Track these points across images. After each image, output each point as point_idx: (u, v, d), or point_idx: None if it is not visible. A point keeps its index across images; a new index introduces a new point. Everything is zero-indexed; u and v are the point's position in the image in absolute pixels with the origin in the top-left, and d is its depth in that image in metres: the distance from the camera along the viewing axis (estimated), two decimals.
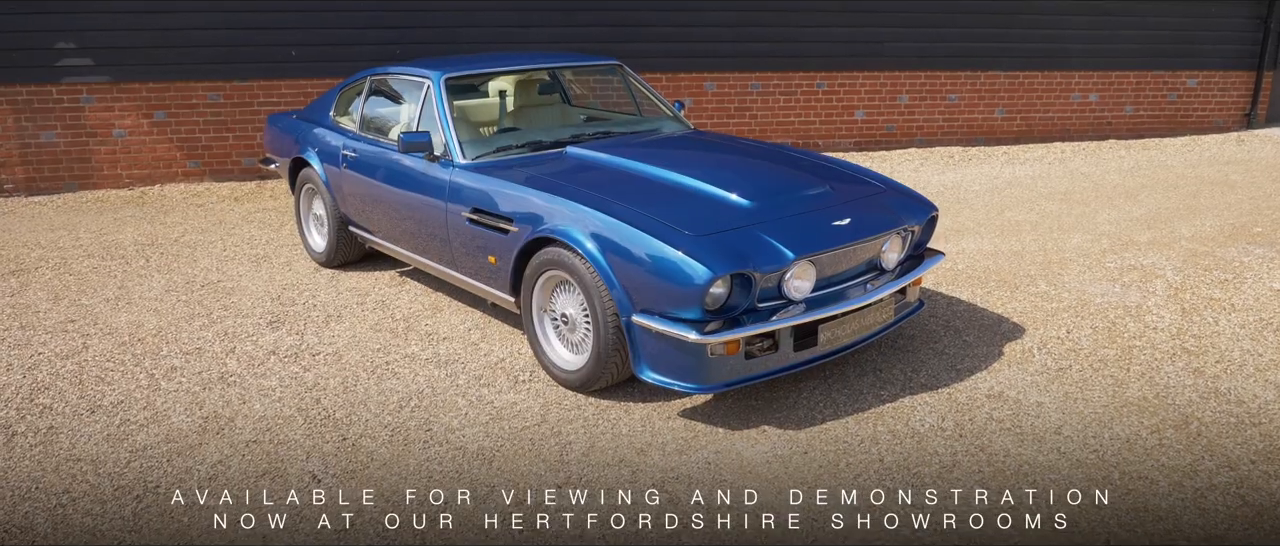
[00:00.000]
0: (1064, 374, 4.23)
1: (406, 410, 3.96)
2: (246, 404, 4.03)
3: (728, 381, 3.68)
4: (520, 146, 4.83)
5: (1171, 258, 5.87)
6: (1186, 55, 10.57)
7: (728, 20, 9.27)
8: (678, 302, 3.56)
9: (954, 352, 4.48)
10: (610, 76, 5.78)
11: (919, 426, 3.76)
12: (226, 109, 8.42)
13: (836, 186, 4.32)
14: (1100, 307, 5.04)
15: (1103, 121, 10.57)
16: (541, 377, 4.25)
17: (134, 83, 8.16)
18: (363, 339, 4.74)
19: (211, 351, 4.60)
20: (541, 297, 4.18)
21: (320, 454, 3.61)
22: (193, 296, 5.41)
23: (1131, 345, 4.55)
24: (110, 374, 4.35)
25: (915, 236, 4.34)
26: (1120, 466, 3.45)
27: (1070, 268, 5.72)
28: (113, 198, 8.08)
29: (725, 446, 3.62)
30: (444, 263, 4.80)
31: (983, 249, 6.20)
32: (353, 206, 5.48)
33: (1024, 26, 10.02)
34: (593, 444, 3.66)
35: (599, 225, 3.79)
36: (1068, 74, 10.30)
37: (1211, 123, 10.89)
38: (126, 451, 3.63)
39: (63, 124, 8.11)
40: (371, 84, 5.55)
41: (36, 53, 7.90)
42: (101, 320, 5.04)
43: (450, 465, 3.51)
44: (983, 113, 10.21)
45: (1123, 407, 3.91)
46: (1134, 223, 6.82)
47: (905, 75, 9.88)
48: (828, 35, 9.55)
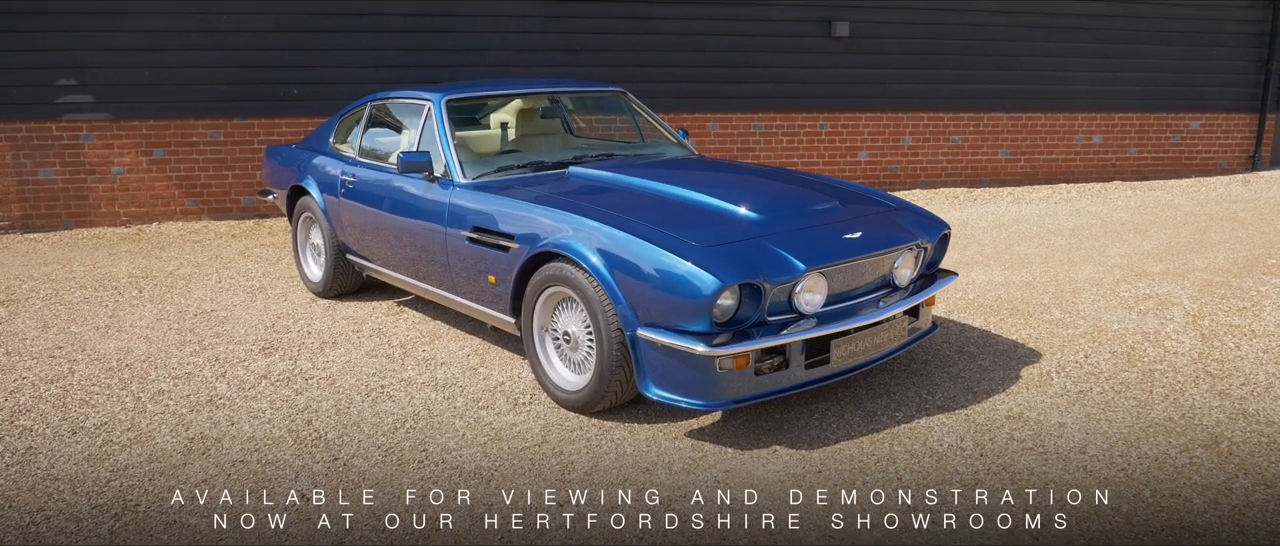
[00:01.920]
0: (1085, 396, 4.08)
1: (401, 431, 3.80)
2: (235, 425, 3.87)
3: (737, 398, 3.52)
4: (522, 167, 4.74)
5: (1186, 287, 5.74)
6: (1189, 97, 10.57)
7: (730, 61, 9.27)
8: (685, 315, 3.43)
9: (969, 376, 4.32)
10: (615, 114, 5.70)
11: (937, 446, 3.59)
12: (227, 147, 8.37)
13: (847, 203, 4.21)
14: (1118, 333, 4.89)
15: (1107, 163, 10.52)
16: (542, 400, 4.09)
17: (134, 120, 8.12)
18: (358, 364, 4.60)
19: (201, 376, 4.45)
20: (542, 316, 4.04)
21: (310, 473, 3.44)
22: (185, 325, 5.27)
23: (1152, 369, 4.39)
24: (95, 397, 4.19)
25: (928, 255, 4.22)
26: (1151, 484, 3.28)
27: (1083, 296, 5.59)
28: (109, 235, 7.99)
29: (735, 465, 3.45)
30: (443, 287, 4.67)
31: (993, 280, 6.08)
32: (351, 234, 5.37)
33: (1026, 68, 10.03)
34: (596, 463, 3.49)
35: (603, 237, 3.67)
36: (1071, 115, 10.28)
37: (1216, 165, 10.84)
38: (107, 471, 3.46)
39: (61, 161, 8.05)
40: (372, 110, 5.47)
41: (37, 89, 7.87)
42: (89, 347, 4.90)
43: (446, 484, 3.35)
44: (986, 154, 10.17)
45: (1148, 428, 3.75)
46: (1145, 255, 6.70)
47: (908, 116, 9.85)
48: (830, 76, 9.55)
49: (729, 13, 9.18)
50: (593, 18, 8.88)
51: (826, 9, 9.40)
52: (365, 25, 8.38)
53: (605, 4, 8.91)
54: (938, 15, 9.69)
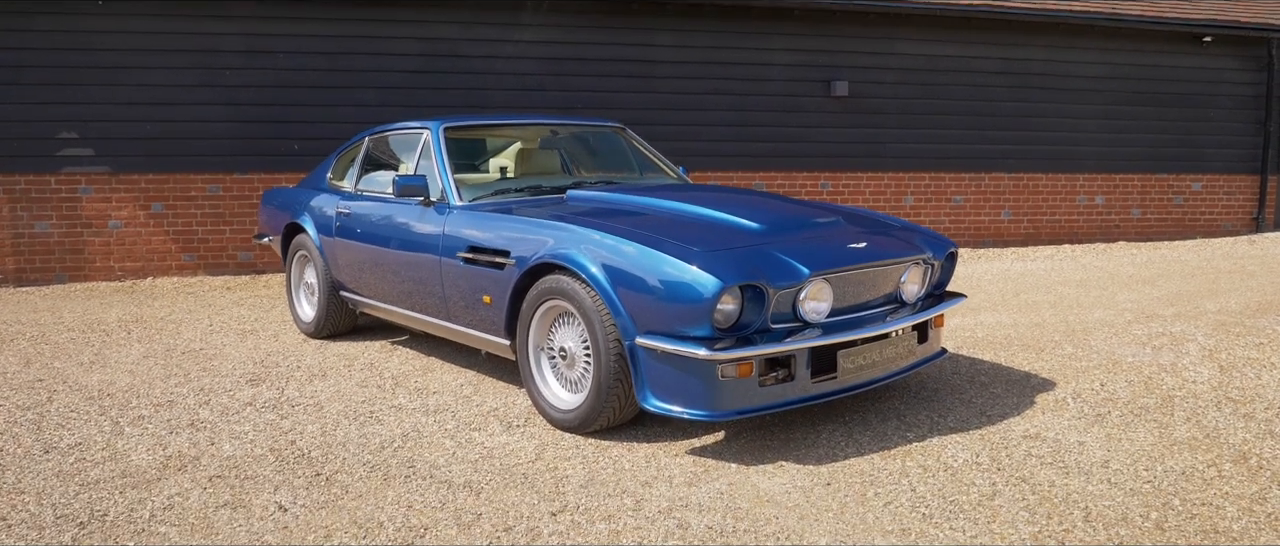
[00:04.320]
0: (1103, 419, 3.90)
1: (388, 450, 3.62)
2: (215, 445, 3.69)
3: (740, 409, 3.36)
4: (519, 191, 4.66)
5: (1200, 326, 5.60)
6: (1189, 159, 10.58)
7: (731, 120, 9.30)
8: (685, 319, 3.29)
9: (982, 402, 4.16)
10: (615, 150, 5.63)
11: (952, 461, 3.41)
12: (225, 201, 8.33)
13: (851, 220, 4.11)
14: (1133, 365, 4.73)
15: (1110, 224, 10.46)
16: (538, 423, 3.92)
17: (134, 173, 8.09)
18: (347, 393, 4.43)
19: (184, 403, 4.29)
20: (538, 334, 3.90)
21: (290, 486, 3.26)
22: (171, 361, 5.12)
23: (1172, 395, 4.22)
24: (72, 421, 4.03)
25: (935, 274, 4.10)
26: (1180, 494, 3.10)
27: (1095, 335, 5.44)
28: (102, 287, 7.88)
29: (739, 478, 3.27)
30: (438, 315, 4.53)
31: (1001, 322, 5.94)
32: (345, 269, 5.26)
33: (1026, 129, 10.07)
34: (592, 477, 3.31)
35: (600, 245, 3.56)
36: (1073, 176, 10.27)
37: (1220, 226, 10.78)
38: (77, 485, 3.28)
39: (58, 214, 8.00)
40: (370, 143, 5.43)
41: (38, 142, 7.87)
42: (71, 379, 4.74)
43: (433, 496, 3.16)
44: (989, 214, 10.12)
45: (1172, 445, 3.57)
46: (1155, 300, 6.58)
47: (909, 176, 9.84)
48: (830, 135, 9.57)
49: (729, 72, 9.26)
50: (593, 76, 8.94)
51: (826, 68, 9.48)
52: (368, 81, 8.43)
53: (605, 63, 8.98)
54: (936, 75, 9.77)
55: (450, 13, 8.57)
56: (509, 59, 8.76)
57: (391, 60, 8.50)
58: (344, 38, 8.39)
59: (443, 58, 8.61)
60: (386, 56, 8.49)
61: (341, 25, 8.36)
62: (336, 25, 8.35)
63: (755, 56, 9.33)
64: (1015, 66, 9.96)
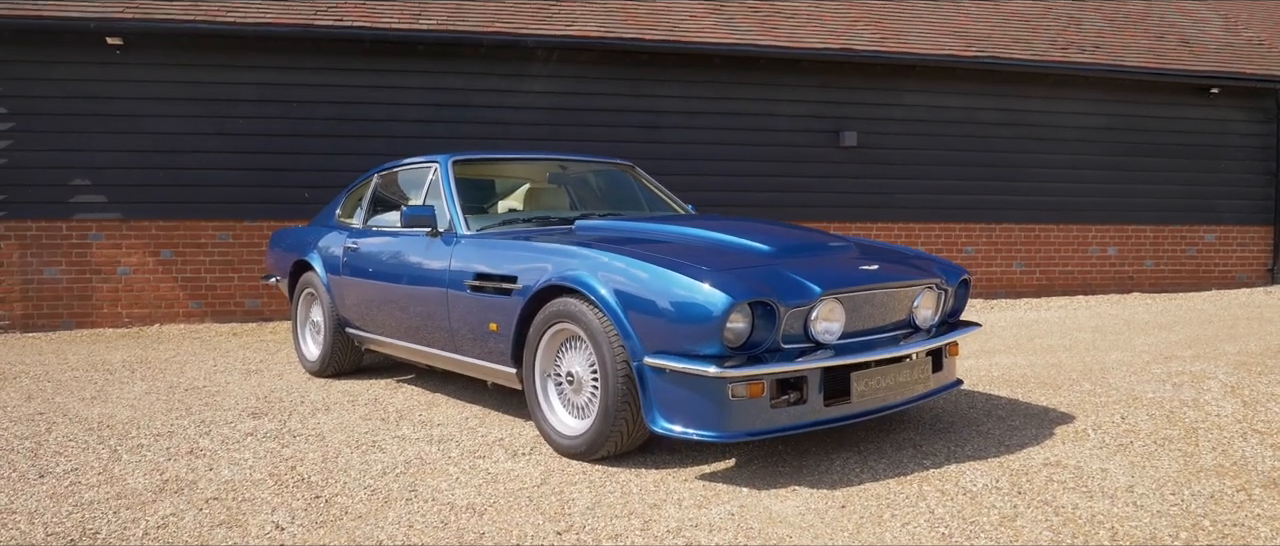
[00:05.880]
0: (1126, 449, 3.79)
1: (390, 476, 3.53)
2: (213, 470, 3.61)
3: (751, 430, 3.27)
4: (527, 221, 4.63)
5: (1221, 366, 5.48)
6: (1201, 209, 10.53)
7: (739, 169, 9.32)
8: (695, 338, 3.22)
9: (1000, 433, 4.05)
10: (624, 188, 5.61)
11: (971, 486, 3.30)
12: (234, 249, 8.33)
13: (863, 246, 4.06)
14: (1154, 400, 4.62)
15: (1124, 276, 10.38)
16: (545, 450, 3.83)
17: (145, 220, 8.12)
18: (350, 425, 4.35)
19: (184, 433, 4.21)
20: (545, 360, 3.83)
21: (288, 508, 3.17)
22: (174, 397, 5.06)
23: (1195, 427, 4.11)
24: (69, 448, 3.95)
25: (949, 301, 4.03)
26: (1210, 515, 2.98)
27: (1113, 373, 5.33)
28: (108, 333, 7.85)
29: (751, 501, 3.17)
30: (443, 346, 4.47)
31: (1017, 362, 5.84)
32: (352, 306, 5.21)
33: (1036, 179, 10.05)
34: (599, 499, 3.21)
35: (609, 266, 3.51)
36: (1084, 227, 10.22)
37: (1234, 278, 10.68)
38: (70, 505, 3.20)
39: (68, 260, 8.01)
40: (378, 180, 5.43)
41: (51, 189, 7.92)
42: (72, 412, 4.68)
43: (435, 517, 3.06)
44: (1001, 266, 10.05)
45: (1199, 472, 3.45)
46: (1173, 344, 6.46)
47: (919, 226, 9.80)
48: (838, 185, 9.57)
49: (737, 122, 9.30)
50: (602, 126, 8.99)
51: (834, 119, 9.52)
52: (379, 130, 8.49)
53: (614, 113, 9.05)
54: (944, 126, 9.80)
55: (460, 64, 8.67)
56: (518, 109, 8.84)
57: (402, 110, 8.57)
58: (356, 88, 8.48)
59: (453, 108, 8.69)
60: (398, 106, 8.57)
61: (353, 75, 8.46)
62: (348, 75, 8.45)
63: (763, 107, 9.39)
64: (1023, 117, 9.99)
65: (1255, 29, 12.52)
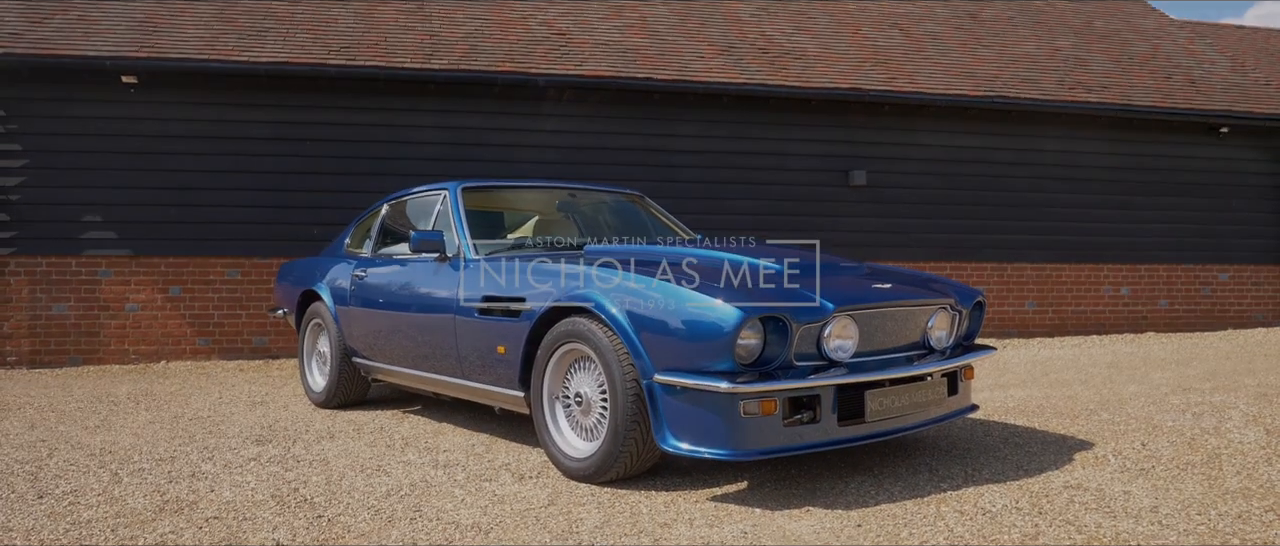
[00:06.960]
0: (1148, 473, 3.69)
1: (395, 497, 3.46)
2: (214, 491, 3.54)
3: (763, 449, 3.19)
4: (535, 246, 4.60)
5: (1241, 397, 5.38)
6: (1214, 249, 10.45)
7: (751, 208, 9.31)
8: (706, 354, 3.16)
9: (1018, 458, 3.96)
10: (633, 218, 5.58)
11: (990, 507, 3.21)
12: (243, 286, 8.32)
13: (874, 268, 4.01)
14: (1174, 428, 4.52)
15: (1138, 315, 10.27)
16: (552, 473, 3.75)
17: (154, 256, 8.13)
18: (355, 451, 4.29)
19: (186, 458, 4.15)
20: (553, 381, 3.77)
21: (290, 527, 3.09)
22: (178, 426, 5.00)
23: (1218, 453, 4.01)
24: (70, 472, 3.89)
25: (963, 323, 3.97)
26: (1239, 534, 2.88)
27: (1131, 404, 5.23)
28: (115, 370, 7.81)
29: (763, 520, 3.08)
30: (451, 372, 4.41)
31: (1032, 395, 5.74)
32: (359, 335, 5.17)
33: (1048, 219, 10.01)
34: (608, 520, 3.13)
35: (619, 284, 3.47)
36: (1097, 266, 10.14)
37: (1251, 317, 10.56)
38: (67, 524, 3.14)
39: (77, 296, 8.00)
40: (388, 209, 5.42)
41: (62, 225, 7.95)
42: (74, 440, 4.62)
43: (439, 535, 2.99)
44: (1013, 305, 9.97)
45: (1224, 494, 3.35)
46: (1191, 377, 6.36)
47: (930, 266, 9.74)
48: (849, 224, 9.54)
49: (749, 161, 9.31)
50: (614, 164, 9.01)
51: (844, 158, 9.53)
52: (391, 168, 8.52)
53: (626, 151, 9.07)
54: (955, 166, 9.79)
55: (473, 103, 8.73)
56: (531, 147, 8.87)
57: (415, 148, 8.61)
58: (369, 126, 8.53)
59: (466, 146, 8.72)
60: (410, 145, 8.61)
61: (366, 114, 8.52)
62: (361, 114, 8.51)
63: (775, 146, 9.40)
64: (1033, 157, 9.98)
65: (1262, 70, 12.56)
